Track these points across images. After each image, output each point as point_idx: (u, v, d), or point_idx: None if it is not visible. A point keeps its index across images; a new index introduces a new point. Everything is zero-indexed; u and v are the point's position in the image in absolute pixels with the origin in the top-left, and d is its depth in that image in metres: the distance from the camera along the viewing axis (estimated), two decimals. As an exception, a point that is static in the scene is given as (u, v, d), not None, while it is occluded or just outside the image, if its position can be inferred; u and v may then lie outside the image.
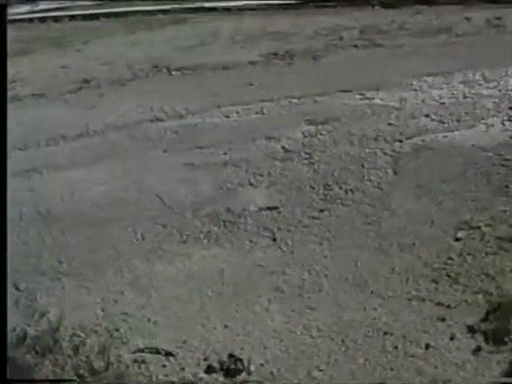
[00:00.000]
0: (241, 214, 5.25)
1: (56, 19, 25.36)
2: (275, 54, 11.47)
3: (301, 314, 4.04)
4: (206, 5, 22.77)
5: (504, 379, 3.28)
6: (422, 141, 6.39)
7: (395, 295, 4.11)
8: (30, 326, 4.08)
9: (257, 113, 7.67)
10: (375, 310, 4.00)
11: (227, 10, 20.65)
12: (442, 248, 4.56)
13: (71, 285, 4.55)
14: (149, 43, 15.38)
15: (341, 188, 5.59)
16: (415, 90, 7.89)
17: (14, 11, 34.28)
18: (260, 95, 8.39)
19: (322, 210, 5.24)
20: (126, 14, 23.35)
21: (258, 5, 20.36)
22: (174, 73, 10.76)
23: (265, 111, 7.69)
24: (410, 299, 4.06)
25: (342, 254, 4.62)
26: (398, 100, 7.60)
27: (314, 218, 5.14)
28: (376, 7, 17.06)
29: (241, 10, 20.27)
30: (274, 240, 4.88)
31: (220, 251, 4.77)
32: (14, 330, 4.00)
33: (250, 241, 4.88)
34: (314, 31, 13.77)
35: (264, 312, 4.09)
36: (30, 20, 26.47)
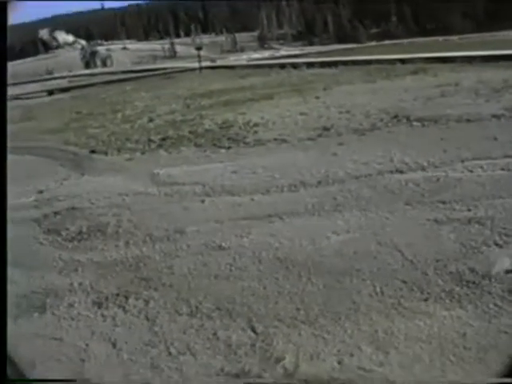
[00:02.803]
0: (485, 275, 4.98)
1: (294, 66, 26.48)
2: (520, 108, 11.08)
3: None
4: (446, 55, 22.62)
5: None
6: None
7: None
8: (265, 370, 4.10)
9: (502, 169, 7.39)
10: None
11: (468, 61, 20.33)
12: None
13: (308, 333, 4.51)
14: (388, 92, 15.45)
15: None
16: None
17: (254, 56, 35.97)
18: (505, 150, 8.10)
19: None
20: (364, 62, 23.83)
21: (501, 55, 19.86)
22: (414, 123, 10.69)
23: (511, 167, 7.39)
24: None
25: None
26: None
27: None
28: None
29: (482, 60, 19.87)
30: (522, 306, 4.58)
31: (463, 313, 4.54)
32: (249, 371, 4.04)
33: (495, 305, 4.60)
34: None
35: (509, 385, 3.84)
36: (270, 66, 27.81)
